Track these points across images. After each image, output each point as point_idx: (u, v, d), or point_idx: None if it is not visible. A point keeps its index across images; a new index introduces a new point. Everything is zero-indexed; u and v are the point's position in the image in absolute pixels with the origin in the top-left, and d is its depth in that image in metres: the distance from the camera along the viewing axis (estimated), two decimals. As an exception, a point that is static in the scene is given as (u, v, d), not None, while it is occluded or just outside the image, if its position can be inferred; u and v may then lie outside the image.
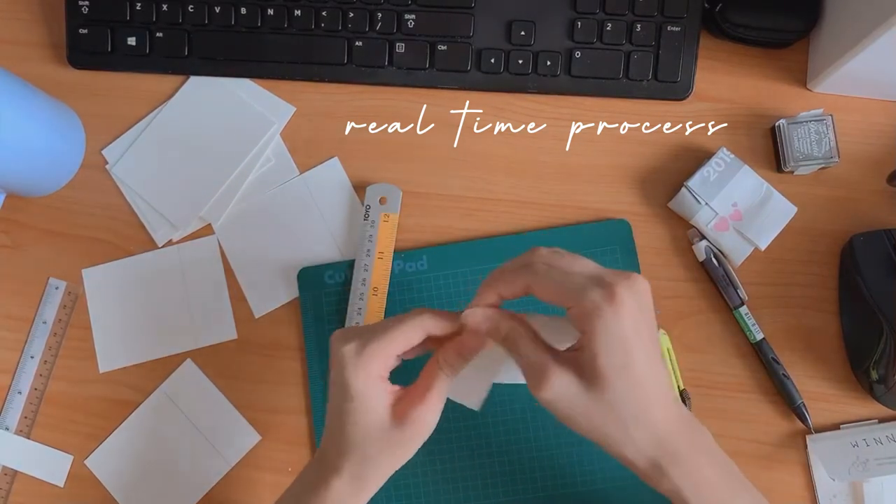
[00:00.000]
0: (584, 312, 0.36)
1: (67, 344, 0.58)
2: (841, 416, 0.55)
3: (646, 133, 0.57)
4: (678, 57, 0.56)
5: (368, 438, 0.40)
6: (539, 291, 0.38)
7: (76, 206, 0.59)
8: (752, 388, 0.55)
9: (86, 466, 0.56)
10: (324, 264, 0.57)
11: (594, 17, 0.56)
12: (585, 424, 0.37)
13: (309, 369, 0.56)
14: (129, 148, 0.58)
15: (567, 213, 0.57)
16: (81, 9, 0.58)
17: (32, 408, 0.57)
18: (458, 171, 0.57)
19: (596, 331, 0.35)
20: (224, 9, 0.57)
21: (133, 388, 0.57)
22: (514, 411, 0.54)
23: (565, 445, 0.54)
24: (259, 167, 0.58)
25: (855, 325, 0.54)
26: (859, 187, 0.56)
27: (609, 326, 0.35)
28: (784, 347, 0.55)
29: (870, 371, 0.52)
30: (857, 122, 0.56)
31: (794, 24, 0.55)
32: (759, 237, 0.54)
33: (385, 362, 0.41)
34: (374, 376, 0.40)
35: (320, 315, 0.56)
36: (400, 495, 0.54)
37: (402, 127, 0.58)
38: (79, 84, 0.59)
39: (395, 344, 0.40)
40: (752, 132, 0.57)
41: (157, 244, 0.58)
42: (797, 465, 0.55)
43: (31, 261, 0.58)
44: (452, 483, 0.54)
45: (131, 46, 0.58)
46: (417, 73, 0.57)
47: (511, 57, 0.57)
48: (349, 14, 0.57)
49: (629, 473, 0.39)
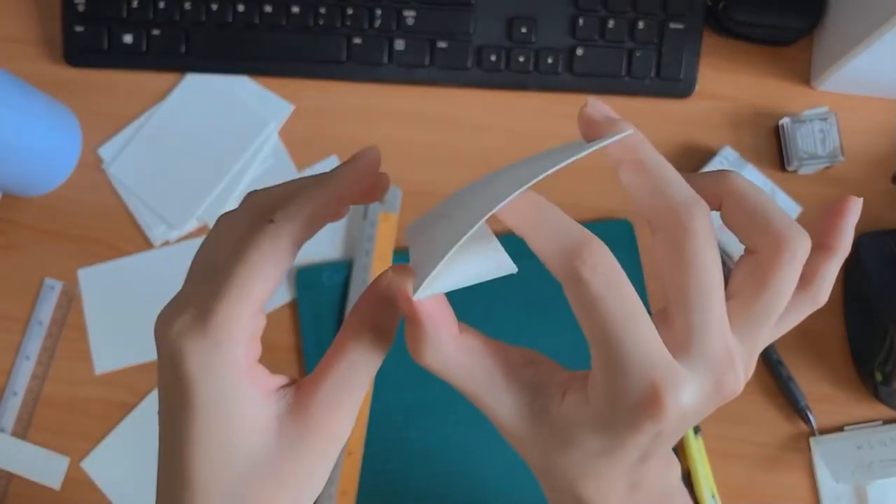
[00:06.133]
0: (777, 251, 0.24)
1: (63, 345, 0.57)
2: (845, 418, 0.54)
3: (648, 132, 0.57)
4: (681, 55, 0.56)
5: (235, 475, 0.24)
6: (735, 206, 0.25)
7: (72, 205, 0.58)
8: (755, 389, 0.54)
9: (82, 469, 0.56)
10: (322, 264, 0.56)
11: (596, 14, 0.56)
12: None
13: (307, 371, 0.55)
14: (126, 147, 0.58)
15: (568, 212, 0.56)
16: (77, 6, 0.57)
17: (28, 409, 0.56)
18: (458, 170, 0.57)
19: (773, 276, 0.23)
20: (221, 6, 0.57)
21: (129, 389, 0.56)
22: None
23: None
24: (257, 166, 0.57)
25: (859, 325, 0.54)
26: (864, 187, 0.56)
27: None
28: (788, 349, 0.54)
29: (874, 372, 0.52)
30: (862, 121, 0.56)
31: (798, 21, 0.55)
32: (763, 237, 0.54)
33: (250, 325, 0.24)
34: (236, 360, 0.24)
35: (319, 316, 0.55)
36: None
37: (402, 126, 0.58)
38: (75, 82, 0.59)
39: (255, 284, 0.24)
40: (756, 131, 0.56)
41: (154, 244, 0.57)
42: (801, 468, 0.54)
43: (27, 261, 0.58)
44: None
45: (127, 44, 0.57)
46: (417, 71, 0.57)
47: (512, 54, 0.56)
48: (348, 11, 0.56)
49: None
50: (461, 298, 0.27)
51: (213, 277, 0.25)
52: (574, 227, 0.23)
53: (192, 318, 0.24)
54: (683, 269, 0.23)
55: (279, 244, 0.25)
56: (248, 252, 0.24)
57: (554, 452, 0.25)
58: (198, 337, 0.24)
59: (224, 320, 0.24)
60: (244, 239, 0.25)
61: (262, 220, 0.25)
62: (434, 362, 0.25)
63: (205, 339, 0.24)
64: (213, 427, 0.24)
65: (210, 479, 0.24)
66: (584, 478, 0.25)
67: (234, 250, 0.25)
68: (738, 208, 0.25)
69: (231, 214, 0.27)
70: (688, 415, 0.23)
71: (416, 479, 0.54)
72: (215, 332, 0.24)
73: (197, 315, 0.24)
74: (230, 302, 0.24)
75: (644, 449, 0.24)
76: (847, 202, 0.26)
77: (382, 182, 0.29)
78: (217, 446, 0.24)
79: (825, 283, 0.26)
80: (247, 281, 0.24)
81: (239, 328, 0.24)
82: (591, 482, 0.25)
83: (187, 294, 0.26)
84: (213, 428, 0.24)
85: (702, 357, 0.23)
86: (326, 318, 0.55)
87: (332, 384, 0.25)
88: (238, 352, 0.24)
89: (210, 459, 0.24)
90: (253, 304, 0.24)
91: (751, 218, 0.24)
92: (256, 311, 0.24)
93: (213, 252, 0.27)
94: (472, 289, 0.26)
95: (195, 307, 0.24)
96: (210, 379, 0.24)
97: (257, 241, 0.24)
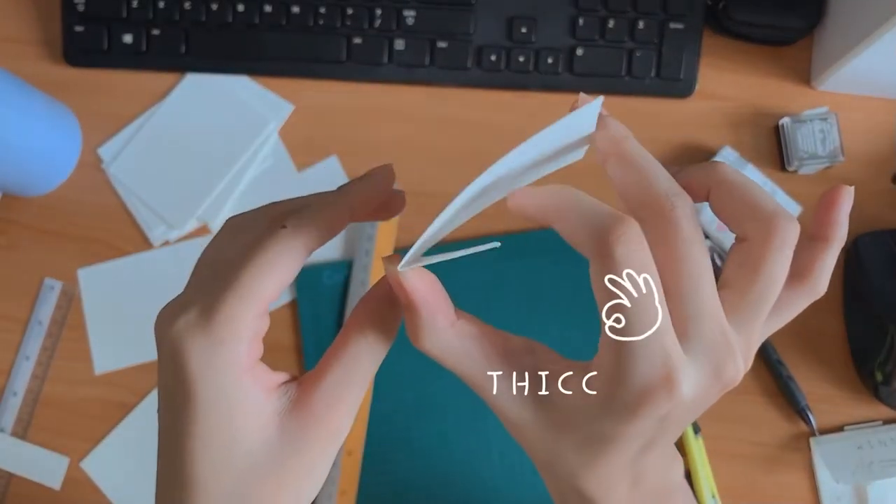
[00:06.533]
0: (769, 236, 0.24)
1: (63, 345, 0.57)
2: (845, 418, 0.54)
3: (648, 132, 0.57)
4: (681, 54, 0.56)
5: (236, 474, 0.24)
6: (724, 194, 0.25)
7: (72, 205, 0.58)
8: (755, 389, 0.54)
9: (82, 469, 0.56)
10: (322, 264, 0.56)
11: (596, 14, 0.56)
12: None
13: (307, 371, 0.55)
14: (126, 147, 0.58)
15: (568, 212, 0.56)
16: (77, 6, 0.57)
17: (28, 409, 0.56)
18: (458, 170, 0.57)
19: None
20: (221, 6, 0.57)
21: (129, 389, 0.56)
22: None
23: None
24: (256, 166, 0.57)
25: (859, 325, 0.54)
26: (864, 187, 0.56)
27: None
28: (788, 348, 0.54)
29: (874, 372, 0.52)
30: (862, 121, 0.56)
31: (798, 21, 0.55)
32: (763, 237, 0.54)
33: (254, 325, 0.24)
34: (238, 359, 0.24)
35: (318, 316, 0.55)
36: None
37: (402, 126, 0.58)
38: (75, 82, 0.59)
39: (263, 285, 0.24)
40: (756, 131, 0.56)
41: (154, 244, 0.57)
42: (801, 468, 0.54)
43: (26, 261, 0.58)
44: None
45: (127, 44, 0.57)
46: (417, 71, 0.57)
47: (512, 54, 0.56)
48: (348, 11, 0.56)
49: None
50: (462, 299, 0.27)
51: (219, 277, 0.25)
52: (605, 208, 0.23)
53: (196, 315, 0.24)
54: (670, 259, 0.23)
55: (289, 249, 0.25)
56: (258, 254, 0.24)
57: (554, 439, 0.25)
58: (201, 334, 0.24)
59: (228, 319, 0.24)
60: (255, 241, 0.25)
61: (274, 225, 0.25)
62: (432, 348, 0.25)
63: (208, 337, 0.24)
64: (214, 425, 0.24)
65: (211, 477, 0.24)
66: (584, 468, 0.25)
67: (243, 252, 0.25)
68: (727, 196, 0.25)
69: (242, 217, 0.28)
70: (689, 402, 0.23)
71: (416, 479, 0.54)
72: (219, 329, 0.24)
73: (200, 313, 0.24)
74: (235, 301, 0.24)
75: (647, 437, 0.24)
76: (839, 192, 0.26)
77: (397, 200, 0.29)
78: (218, 444, 0.24)
79: (823, 273, 0.26)
80: (254, 281, 0.24)
81: (243, 327, 0.24)
82: (591, 474, 0.25)
83: (191, 293, 0.26)
84: (215, 425, 0.24)
85: (700, 343, 0.23)
86: (326, 317, 0.55)
87: (333, 381, 0.26)
88: (241, 350, 0.24)
89: (211, 457, 0.24)
90: (258, 304, 0.24)
91: (739, 205, 0.25)
92: (261, 313, 0.25)
93: (220, 253, 0.27)
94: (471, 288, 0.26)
95: (199, 305, 0.24)
96: (212, 376, 0.24)
97: (268, 244, 0.25)
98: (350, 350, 0.26)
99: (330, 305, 0.55)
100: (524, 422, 0.25)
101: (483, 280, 0.55)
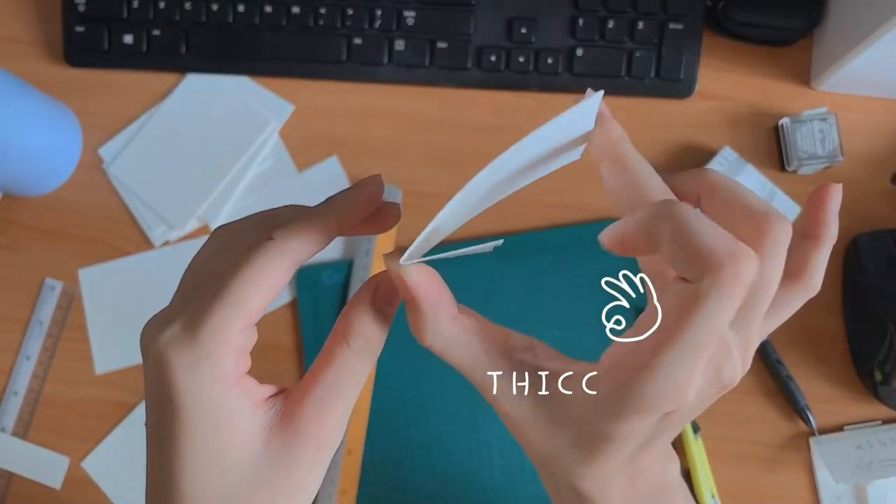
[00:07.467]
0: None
1: (63, 345, 0.57)
2: (845, 418, 0.54)
3: (648, 132, 0.57)
4: (681, 55, 0.56)
5: (223, 489, 0.24)
6: (715, 198, 0.25)
7: (72, 205, 0.58)
8: (755, 389, 0.54)
9: (82, 469, 0.56)
10: (322, 264, 0.56)
11: (596, 15, 0.56)
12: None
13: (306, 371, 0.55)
14: (126, 147, 0.58)
15: (568, 213, 0.56)
16: (77, 6, 0.57)
17: (28, 409, 0.56)
18: (458, 170, 0.57)
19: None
20: (221, 6, 0.57)
21: (130, 389, 0.56)
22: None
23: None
24: (257, 166, 0.57)
25: (859, 325, 0.54)
26: (863, 187, 0.56)
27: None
28: (787, 348, 0.54)
29: (874, 372, 0.52)
30: (861, 121, 0.56)
31: (798, 21, 0.55)
32: (763, 237, 0.54)
33: (241, 338, 0.24)
34: (225, 372, 0.24)
35: (318, 316, 0.55)
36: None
37: (402, 126, 0.58)
38: (75, 82, 0.59)
39: (250, 297, 0.24)
40: (756, 131, 0.56)
41: (154, 244, 0.57)
42: (801, 468, 0.54)
43: (27, 261, 0.58)
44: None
45: (128, 44, 0.57)
46: (417, 71, 0.57)
47: (512, 54, 0.56)
48: (348, 11, 0.56)
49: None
50: (462, 299, 0.27)
51: (204, 289, 0.24)
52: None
53: (182, 328, 0.24)
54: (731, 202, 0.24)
55: (276, 261, 0.24)
56: (244, 266, 0.24)
57: (552, 437, 0.25)
58: (187, 348, 0.23)
59: (214, 333, 0.23)
60: (242, 253, 0.25)
61: (262, 237, 0.25)
62: (434, 342, 0.26)
63: (194, 351, 0.23)
64: (201, 439, 0.24)
65: (198, 492, 0.24)
66: (581, 466, 0.25)
67: (229, 264, 0.25)
68: (718, 200, 0.25)
69: (229, 227, 0.27)
70: (689, 403, 0.23)
71: (416, 479, 0.54)
72: (205, 343, 0.23)
73: (186, 326, 0.24)
74: (222, 314, 0.23)
75: (645, 436, 0.24)
76: (827, 190, 0.26)
77: (391, 213, 0.28)
78: (205, 459, 0.24)
79: (816, 271, 0.26)
80: (240, 294, 0.24)
81: (229, 341, 0.24)
82: (588, 472, 0.25)
83: (177, 306, 0.25)
84: (201, 440, 0.24)
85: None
86: (326, 317, 0.55)
87: (319, 393, 0.25)
88: (227, 363, 0.24)
89: (198, 472, 0.24)
90: (245, 318, 0.24)
91: (730, 208, 0.25)
92: (248, 326, 0.24)
93: (206, 264, 0.26)
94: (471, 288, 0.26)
95: (185, 318, 0.24)
96: (198, 390, 0.23)
97: (254, 256, 0.24)
98: (335, 362, 0.26)
99: (330, 305, 0.56)
100: (523, 419, 0.25)
101: (483, 280, 0.55)
